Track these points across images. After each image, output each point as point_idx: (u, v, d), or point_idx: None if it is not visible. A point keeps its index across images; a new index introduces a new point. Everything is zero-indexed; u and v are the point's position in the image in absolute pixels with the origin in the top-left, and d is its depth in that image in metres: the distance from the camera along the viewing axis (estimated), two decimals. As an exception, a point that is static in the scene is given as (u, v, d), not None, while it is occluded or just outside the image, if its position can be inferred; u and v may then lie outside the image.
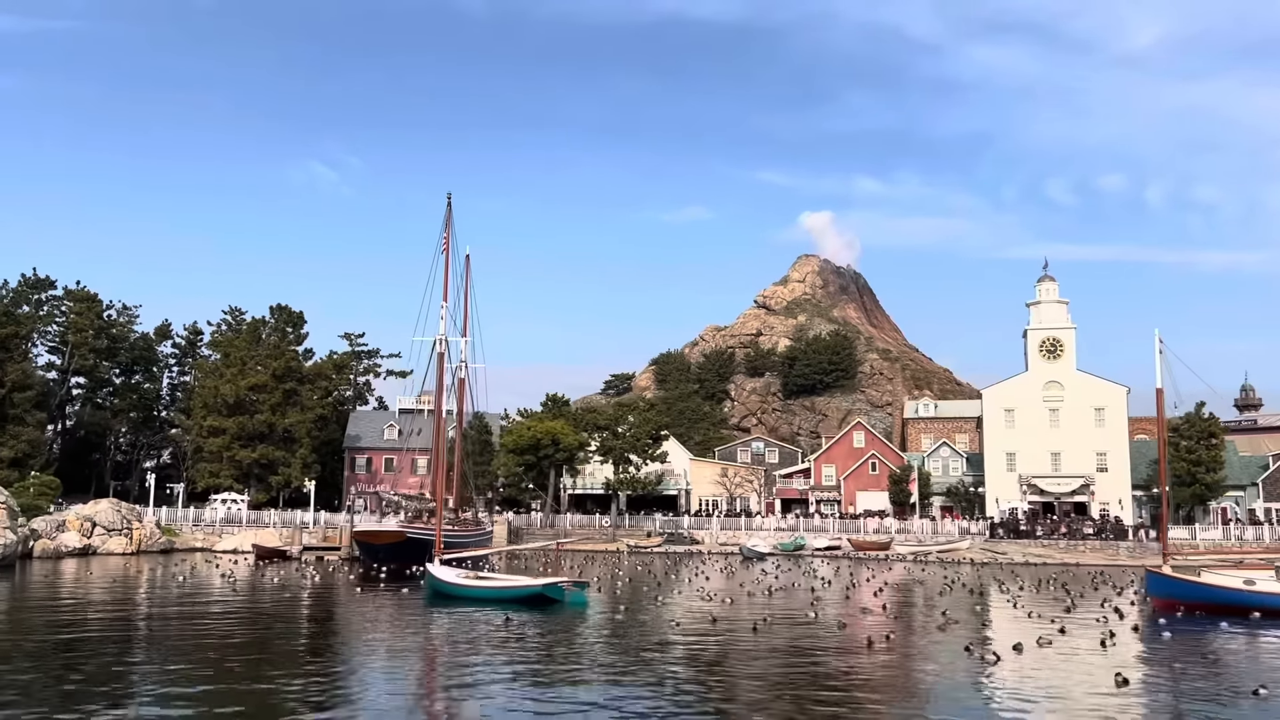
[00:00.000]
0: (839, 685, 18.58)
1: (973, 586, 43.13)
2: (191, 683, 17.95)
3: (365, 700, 16.71)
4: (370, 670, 19.76)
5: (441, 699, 17.18)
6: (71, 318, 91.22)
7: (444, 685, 18.35)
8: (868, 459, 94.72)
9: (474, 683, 18.09)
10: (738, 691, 18.00)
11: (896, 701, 17.30)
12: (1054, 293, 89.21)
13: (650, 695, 17.00)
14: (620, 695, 16.91)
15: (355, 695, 17.19)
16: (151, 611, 30.17)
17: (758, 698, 17.24)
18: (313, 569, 50.82)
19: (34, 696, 16.44)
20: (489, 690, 17.30)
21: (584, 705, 16.05)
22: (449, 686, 18.12)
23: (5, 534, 47.62)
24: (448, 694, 17.45)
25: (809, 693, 17.76)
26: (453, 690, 17.68)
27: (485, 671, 19.20)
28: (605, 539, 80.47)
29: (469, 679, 18.45)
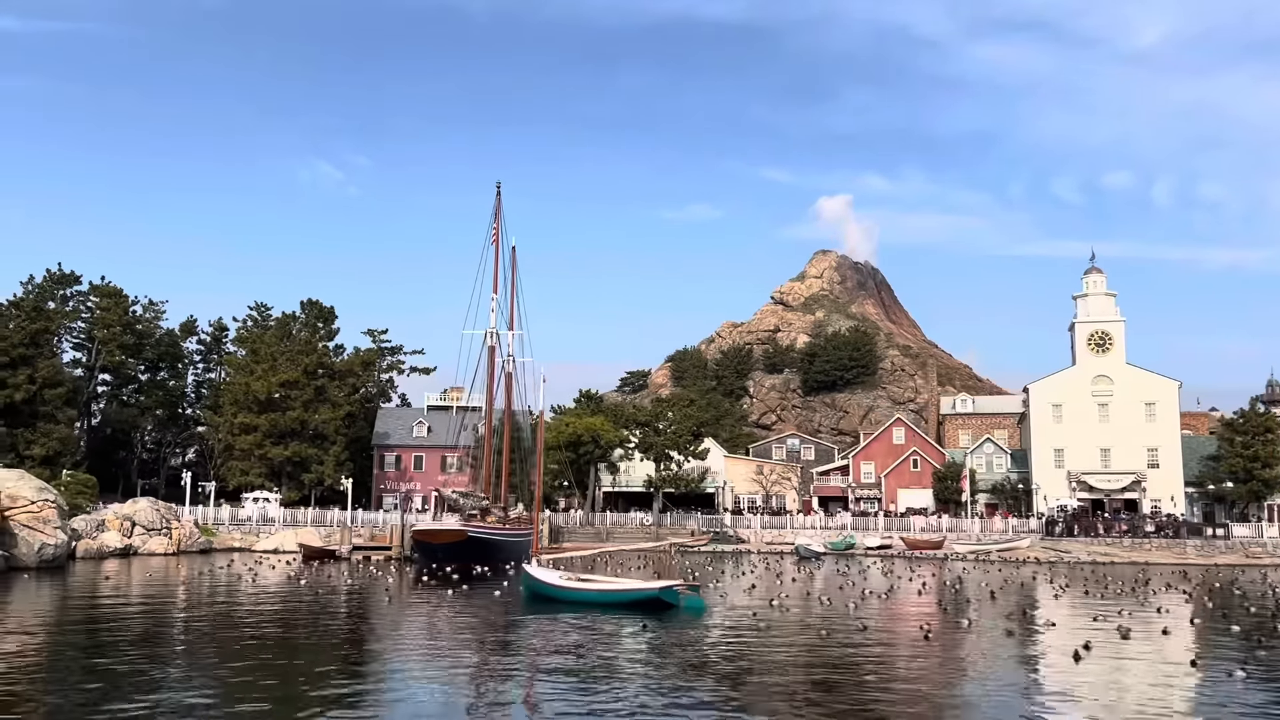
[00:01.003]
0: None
1: (1088, 589, 41.27)
2: (339, 702, 16.18)
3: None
4: (540, 688, 17.94)
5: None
6: (99, 313, 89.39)
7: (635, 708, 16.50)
8: (909, 456, 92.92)
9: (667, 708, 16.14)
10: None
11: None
12: (1101, 285, 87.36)
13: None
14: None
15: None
16: (243, 616, 28.44)
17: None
18: (373, 569, 49.03)
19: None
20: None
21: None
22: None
23: (56, 534, 45.87)
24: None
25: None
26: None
27: (666, 694, 17.34)
28: (647, 537, 78.69)
29: (655, 701, 16.55)
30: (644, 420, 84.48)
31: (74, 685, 17.17)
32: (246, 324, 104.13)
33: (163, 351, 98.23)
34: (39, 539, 44.99)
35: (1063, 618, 29.02)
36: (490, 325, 60.79)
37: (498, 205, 61.43)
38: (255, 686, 17.34)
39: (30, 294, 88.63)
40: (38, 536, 44.99)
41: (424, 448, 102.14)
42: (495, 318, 60.89)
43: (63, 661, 19.92)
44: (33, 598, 33.69)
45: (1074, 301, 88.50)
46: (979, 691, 17.41)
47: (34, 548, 44.65)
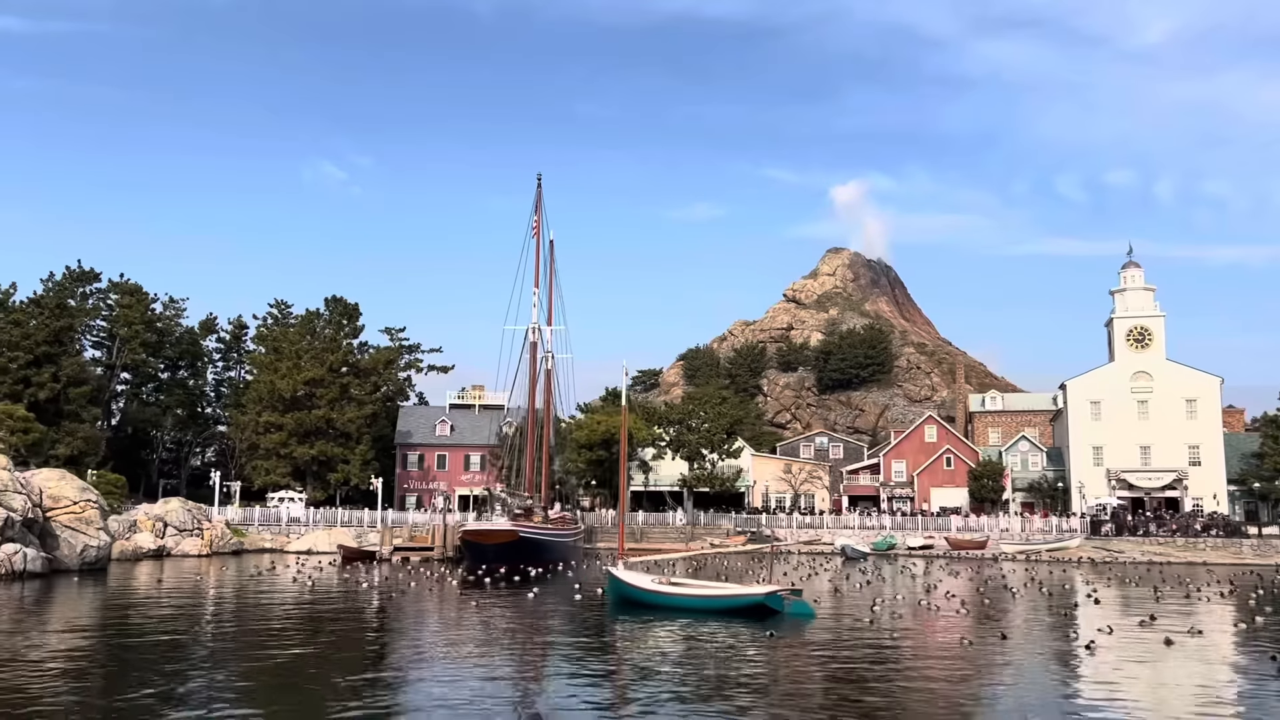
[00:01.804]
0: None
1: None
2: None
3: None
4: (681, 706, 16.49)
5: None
6: (120, 311, 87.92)
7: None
8: (942, 454, 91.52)
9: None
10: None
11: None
12: (1139, 279, 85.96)
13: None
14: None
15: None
16: (319, 621, 27.05)
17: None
18: (425, 571, 47.55)
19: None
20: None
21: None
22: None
23: (98, 535, 44.43)
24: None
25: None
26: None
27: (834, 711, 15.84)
28: (682, 538, 77.26)
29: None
30: (677, 419, 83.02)
31: (195, 700, 15.78)
32: (266, 321, 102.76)
33: (183, 350, 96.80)
34: (81, 540, 43.58)
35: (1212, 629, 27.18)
36: (532, 320, 59.23)
37: (538, 198, 60.08)
38: (372, 695, 15.98)
39: (50, 291, 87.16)
40: (80, 538, 43.59)
41: (447, 447, 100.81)
42: (536, 313, 59.31)
43: (166, 671, 18.52)
44: (90, 602, 32.27)
45: (1111, 296, 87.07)
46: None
47: (76, 549, 43.24)
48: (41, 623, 26.25)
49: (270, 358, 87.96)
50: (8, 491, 40.51)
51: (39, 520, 41.84)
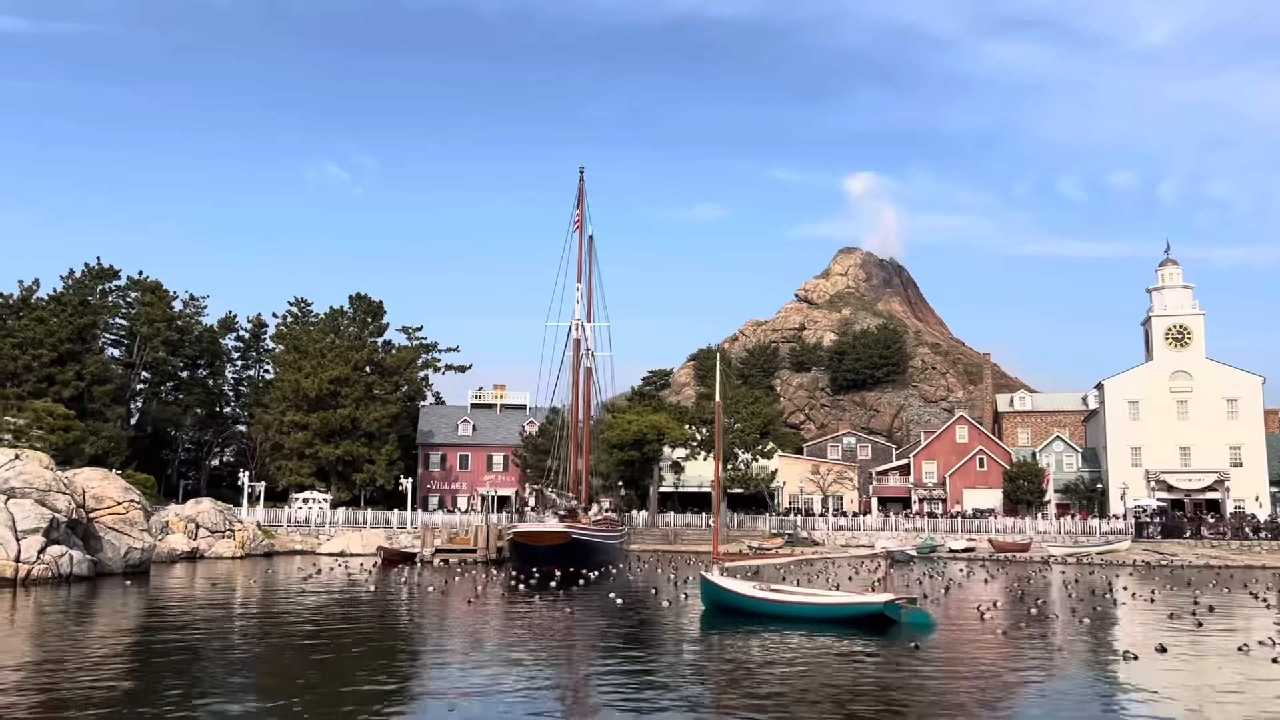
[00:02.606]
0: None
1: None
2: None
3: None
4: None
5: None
6: (142, 308, 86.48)
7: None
8: (975, 455, 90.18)
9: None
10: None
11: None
12: (1178, 277, 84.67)
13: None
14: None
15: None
16: (411, 630, 25.68)
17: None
18: (474, 573, 46.12)
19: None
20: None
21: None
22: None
23: (143, 536, 43.01)
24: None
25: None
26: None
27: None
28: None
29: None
30: (708, 418, 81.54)
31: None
32: (286, 320, 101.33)
33: (203, 348, 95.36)
34: (125, 542, 42.15)
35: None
36: (575, 317, 57.82)
37: (581, 191, 58.58)
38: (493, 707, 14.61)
39: (69, 288, 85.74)
40: (124, 539, 42.15)
41: (469, 446, 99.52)
42: (579, 309, 57.89)
43: (259, 684, 17.15)
44: (148, 607, 30.85)
45: (1148, 295, 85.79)
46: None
47: (120, 551, 41.80)
48: (109, 627, 24.85)
49: (293, 356, 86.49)
50: (51, 492, 39.11)
51: (82, 521, 40.43)
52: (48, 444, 45.93)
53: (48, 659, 19.41)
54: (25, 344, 69.37)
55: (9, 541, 36.19)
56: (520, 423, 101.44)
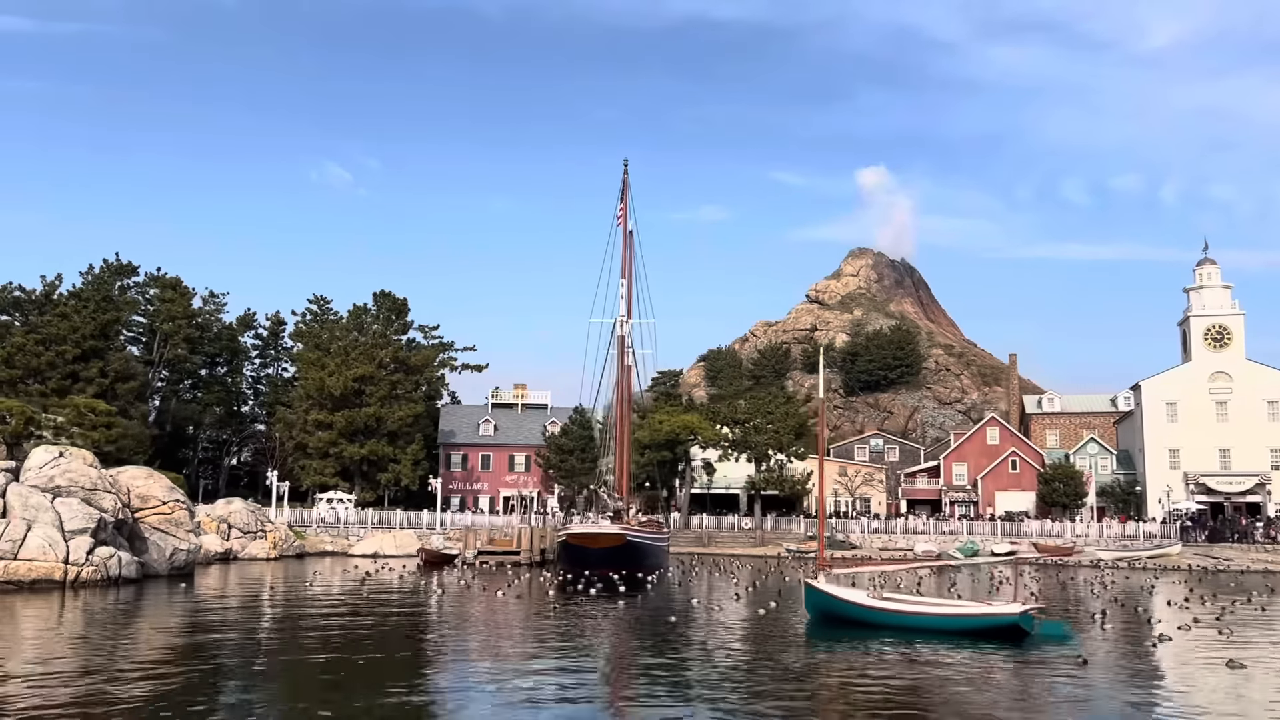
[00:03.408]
0: None
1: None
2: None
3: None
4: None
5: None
6: (163, 305, 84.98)
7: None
8: (1008, 457, 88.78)
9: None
10: None
11: None
12: (1216, 277, 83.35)
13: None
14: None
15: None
16: (497, 637, 24.21)
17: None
18: (528, 577, 44.67)
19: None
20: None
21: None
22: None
23: (188, 537, 41.57)
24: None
25: None
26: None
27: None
28: (752, 542, 74.54)
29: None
30: (741, 418, 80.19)
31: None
32: (305, 317, 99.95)
33: (222, 346, 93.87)
34: (171, 543, 40.72)
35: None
36: (620, 313, 56.40)
37: (624, 184, 57.16)
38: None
39: (89, 284, 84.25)
40: (170, 540, 40.73)
41: (491, 447, 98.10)
42: (623, 305, 56.47)
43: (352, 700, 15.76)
44: (207, 611, 29.41)
45: (1185, 294, 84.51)
46: None
47: (165, 553, 40.38)
48: (179, 632, 23.40)
49: (317, 354, 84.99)
50: (97, 491, 37.70)
51: (128, 522, 39.00)
52: (88, 441, 44.46)
53: (127, 670, 18.00)
54: (49, 340, 67.88)
55: (57, 542, 34.78)
56: (542, 422, 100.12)
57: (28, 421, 39.59)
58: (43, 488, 36.66)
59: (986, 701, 16.14)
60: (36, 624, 25.80)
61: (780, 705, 15.65)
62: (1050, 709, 15.68)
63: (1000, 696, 16.65)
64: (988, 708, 15.65)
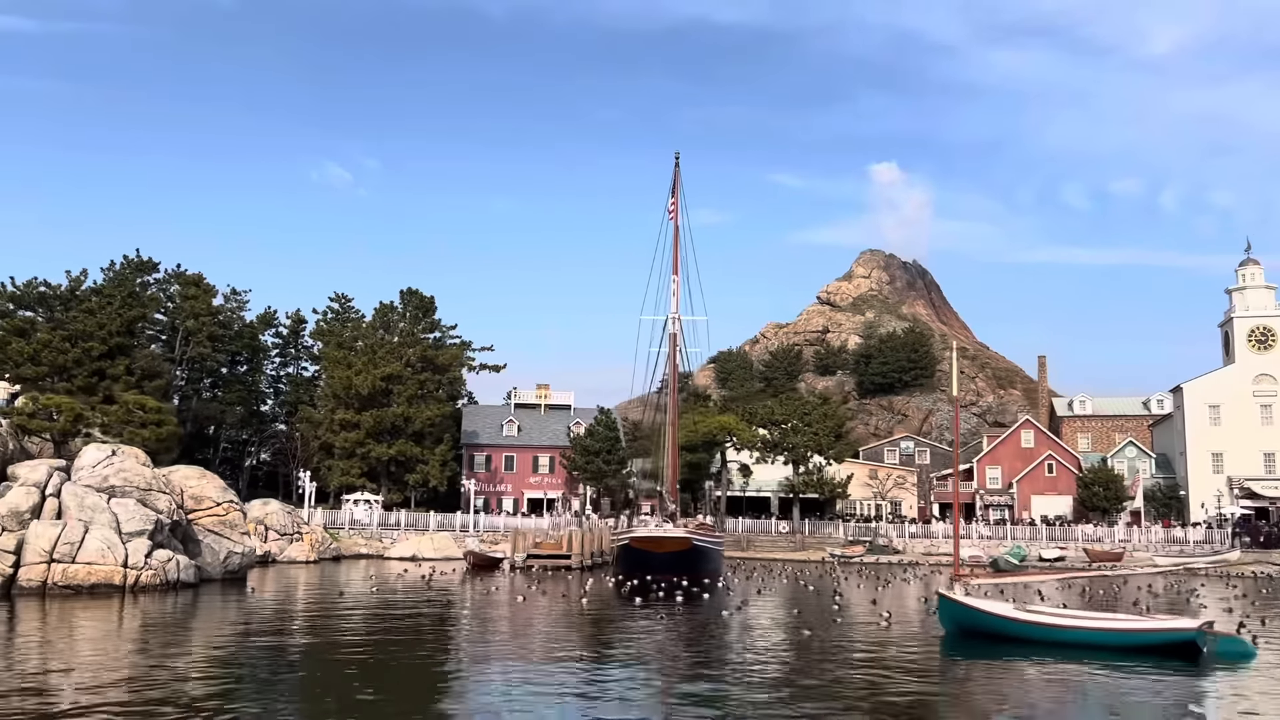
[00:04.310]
0: None
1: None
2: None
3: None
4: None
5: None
6: (187, 302, 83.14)
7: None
8: (1044, 460, 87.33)
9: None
10: None
11: None
12: (1260, 277, 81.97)
13: None
14: None
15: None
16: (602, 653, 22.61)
17: None
18: (590, 583, 43.03)
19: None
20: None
21: None
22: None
23: (242, 540, 39.91)
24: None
25: None
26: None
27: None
28: (791, 547, 72.96)
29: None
30: (778, 419, 78.59)
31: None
32: (326, 316, 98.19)
33: (243, 344, 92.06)
34: (225, 546, 39.04)
35: None
36: (672, 310, 54.84)
37: (676, 177, 55.60)
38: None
39: (109, 281, 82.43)
40: (223, 543, 39.06)
41: (515, 448, 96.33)
42: (676, 301, 54.88)
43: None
44: (284, 617, 27.79)
45: (1228, 295, 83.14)
46: None
47: (219, 556, 38.70)
48: (257, 638, 21.76)
49: (342, 353, 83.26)
50: (152, 491, 36.04)
51: (182, 523, 37.32)
52: (138, 440, 42.80)
53: (216, 681, 16.39)
54: (75, 337, 66.13)
55: (115, 545, 33.12)
56: (565, 423, 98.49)
57: (76, 418, 37.80)
58: (97, 488, 35.01)
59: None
60: (100, 630, 24.20)
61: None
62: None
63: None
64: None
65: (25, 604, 29.43)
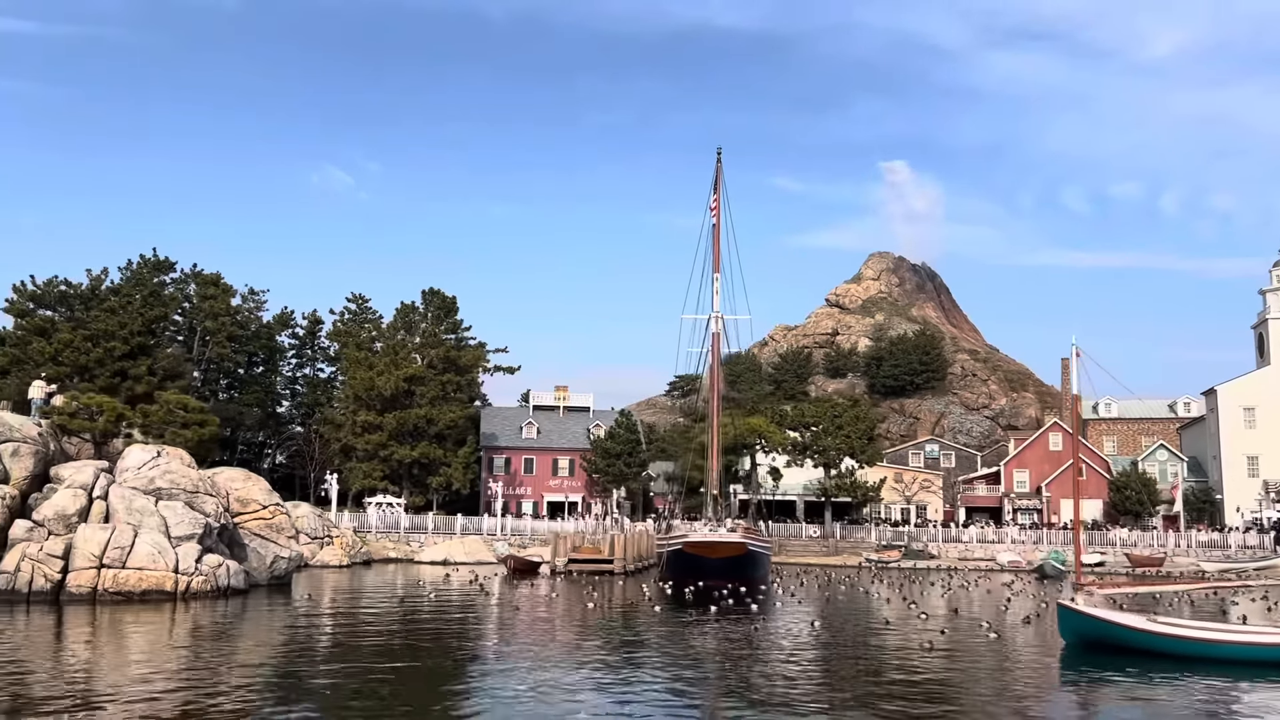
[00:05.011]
0: None
1: None
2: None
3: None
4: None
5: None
6: (205, 302, 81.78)
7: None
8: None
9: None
10: None
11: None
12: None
13: None
14: None
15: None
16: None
17: None
18: (643, 589, 41.76)
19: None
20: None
21: None
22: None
23: (289, 544, 38.62)
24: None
25: None
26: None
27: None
28: (825, 551, 71.68)
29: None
30: (809, 421, 77.35)
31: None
32: (343, 316, 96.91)
33: (260, 345, 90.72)
34: (271, 550, 37.76)
35: None
36: (714, 309, 53.62)
37: (718, 173, 54.41)
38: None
39: (128, 280, 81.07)
40: (270, 548, 37.78)
41: (534, 450, 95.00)
42: (719, 300, 53.68)
43: None
44: (352, 628, 26.50)
45: (1261, 296, 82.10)
46: None
47: (266, 561, 37.42)
48: (338, 647, 20.47)
49: (363, 354, 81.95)
50: (199, 494, 34.72)
51: (229, 527, 36.01)
52: (181, 440, 41.50)
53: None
54: (97, 336, 64.72)
55: (166, 549, 31.83)
56: (585, 425, 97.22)
57: (118, 418, 36.51)
58: (143, 490, 33.69)
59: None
60: (170, 637, 22.91)
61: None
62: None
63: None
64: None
65: (74, 611, 28.19)
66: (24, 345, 64.68)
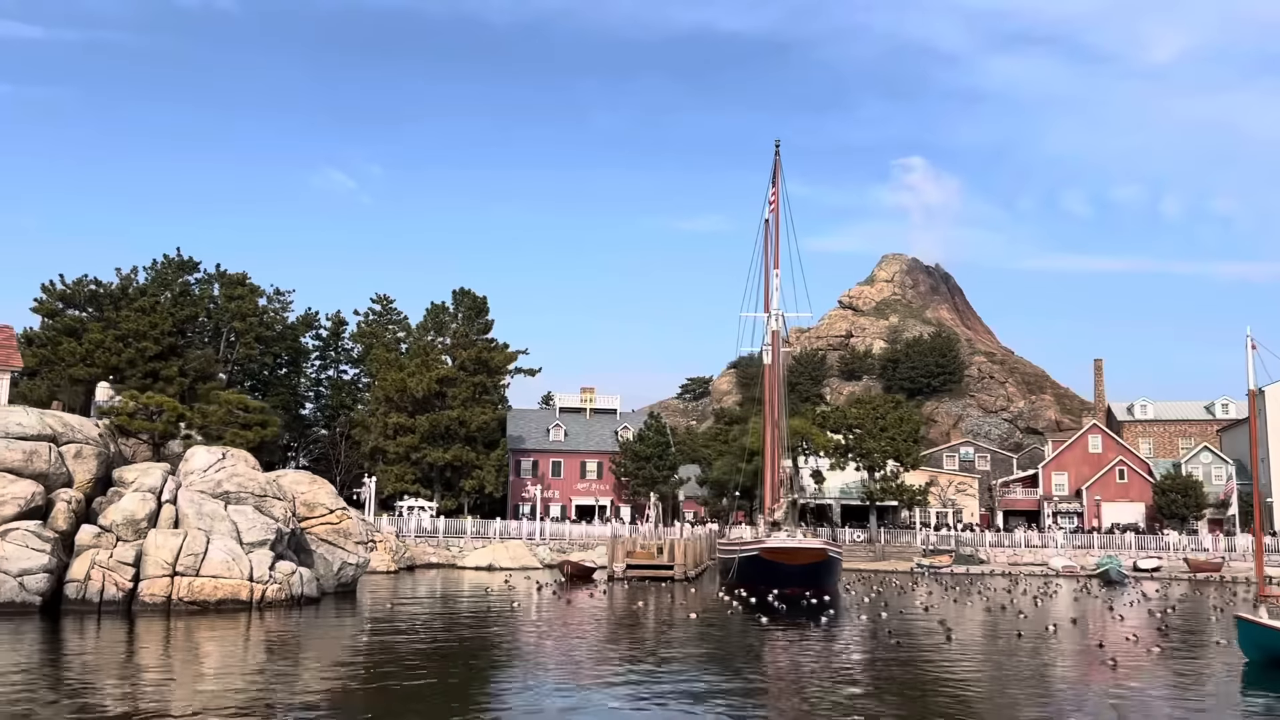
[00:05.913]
0: None
1: None
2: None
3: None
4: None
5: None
6: (231, 303, 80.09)
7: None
8: (1114, 466, 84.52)
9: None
10: None
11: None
12: (1342, 279, 79.46)
13: None
14: None
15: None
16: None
17: None
18: (720, 596, 40.15)
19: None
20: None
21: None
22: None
23: (357, 550, 37.01)
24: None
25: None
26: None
27: None
28: (872, 557, 70.05)
29: None
30: (852, 423, 75.78)
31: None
32: (368, 317, 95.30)
33: (285, 346, 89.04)
34: (339, 556, 36.17)
35: None
36: (776, 306, 52.02)
37: (776, 166, 52.79)
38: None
39: (152, 280, 79.48)
40: (337, 554, 36.18)
41: (561, 453, 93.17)
42: (779, 297, 52.05)
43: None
44: (451, 637, 24.87)
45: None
46: None
47: (333, 567, 35.82)
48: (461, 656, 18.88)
49: (394, 354, 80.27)
50: (268, 498, 33.12)
51: (296, 533, 34.39)
52: (242, 441, 39.89)
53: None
54: (128, 336, 63.09)
55: (239, 556, 30.24)
56: (612, 428, 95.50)
57: (178, 418, 34.90)
58: (210, 493, 32.08)
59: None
60: (237, 651, 21.32)
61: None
62: None
63: None
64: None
65: (146, 622, 26.62)
66: (54, 345, 63.03)
